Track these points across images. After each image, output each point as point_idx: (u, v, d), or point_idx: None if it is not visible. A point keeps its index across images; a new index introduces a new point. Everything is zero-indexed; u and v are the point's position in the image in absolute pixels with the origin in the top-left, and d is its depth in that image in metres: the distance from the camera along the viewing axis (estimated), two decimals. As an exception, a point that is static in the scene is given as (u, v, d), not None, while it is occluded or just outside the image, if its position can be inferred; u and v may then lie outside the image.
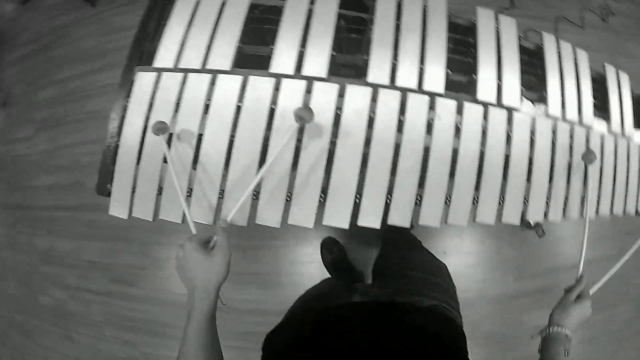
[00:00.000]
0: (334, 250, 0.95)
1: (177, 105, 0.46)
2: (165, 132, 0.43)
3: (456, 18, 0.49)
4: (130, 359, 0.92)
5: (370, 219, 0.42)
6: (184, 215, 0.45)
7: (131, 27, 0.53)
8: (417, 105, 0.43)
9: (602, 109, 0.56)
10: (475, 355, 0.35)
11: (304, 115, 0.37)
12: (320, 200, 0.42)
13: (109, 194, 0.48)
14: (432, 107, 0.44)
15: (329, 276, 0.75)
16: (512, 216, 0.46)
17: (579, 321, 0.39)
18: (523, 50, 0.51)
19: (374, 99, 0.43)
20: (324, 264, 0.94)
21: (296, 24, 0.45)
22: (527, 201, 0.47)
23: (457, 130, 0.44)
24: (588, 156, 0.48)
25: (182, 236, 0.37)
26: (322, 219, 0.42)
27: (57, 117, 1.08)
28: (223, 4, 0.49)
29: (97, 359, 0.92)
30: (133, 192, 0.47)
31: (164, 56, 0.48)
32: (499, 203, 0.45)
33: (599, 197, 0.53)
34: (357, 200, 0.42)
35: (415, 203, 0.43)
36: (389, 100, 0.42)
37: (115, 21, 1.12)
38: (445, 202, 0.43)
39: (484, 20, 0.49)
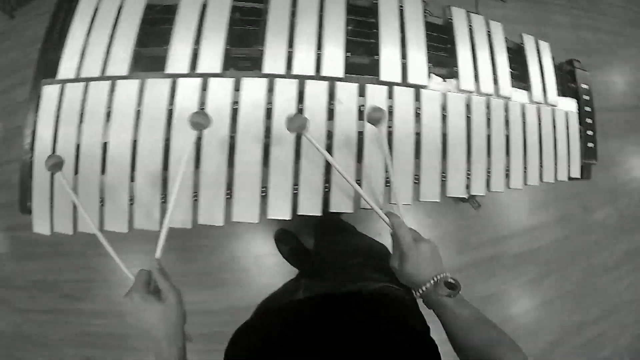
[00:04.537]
0: (289, 240, 0.94)
1: (82, 115, 0.45)
2: (61, 167, 0.39)
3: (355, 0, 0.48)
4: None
5: (281, 210, 0.42)
6: (100, 225, 0.45)
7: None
8: (316, 91, 0.42)
9: (523, 78, 0.55)
10: (431, 332, 0.34)
11: (201, 120, 0.34)
12: (227, 197, 0.42)
13: (30, 212, 0.49)
14: (332, 92, 0.43)
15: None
16: (429, 194, 0.46)
17: (431, 261, 0.34)
18: (432, 27, 0.50)
19: (270, 90, 0.42)
20: (284, 257, 0.93)
21: (190, 21, 0.45)
22: (446, 177, 0.47)
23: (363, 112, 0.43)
24: (372, 115, 0.36)
25: (118, 244, 0.37)
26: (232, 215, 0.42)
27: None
28: (120, 7, 0.48)
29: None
30: (52, 207, 0.47)
31: (67, 66, 0.47)
32: (415, 182, 0.45)
33: (525, 167, 0.53)
34: (266, 193, 0.42)
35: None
36: (285, 90, 0.42)
37: (35, 32, 1.09)
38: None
39: (386, 0, 0.48)
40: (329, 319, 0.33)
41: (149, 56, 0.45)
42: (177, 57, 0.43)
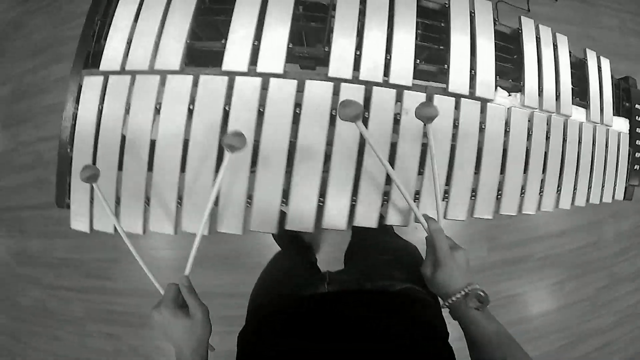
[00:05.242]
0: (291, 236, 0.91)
1: (127, 110, 0.42)
2: (97, 178, 0.37)
3: (427, 2, 0.45)
4: (117, 353, 0.93)
5: (337, 221, 0.40)
6: (145, 226, 0.44)
7: (84, 13, 0.48)
8: (383, 99, 0.40)
9: (580, 95, 0.53)
10: (451, 326, 0.34)
11: (234, 143, 0.32)
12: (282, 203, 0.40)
13: (68, 207, 0.46)
14: (399, 100, 0.41)
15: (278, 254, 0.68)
16: (484, 211, 0.45)
17: (464, 272, 0.33)
18: (498, 35, 0.48)
19: (336, 94, 0.40)
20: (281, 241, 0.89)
21: (250, 13, 0.41)
22: (501, 194, 0.46)
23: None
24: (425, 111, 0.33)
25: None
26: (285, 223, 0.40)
27: (16, 115, 1.04)
28: (171, -6, 0.44)
29: (84, 355, 0.93)
30: (92, 203, 0.44)
31: (111, 57, 0.44)
32: (472, 197, 0.44)
33: (575, 187, 0.52)
34: (321, 203, 0.40)
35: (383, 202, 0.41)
36: (351, 96, 0.40)
37: (69, 8, 1.05)
38: (416, 199, 0.42)
39: (457, 3, 0.46)
40: (353, 316, 0.33)
41: (203, 50, 0.42)
42: (235, 53, 0.40)
